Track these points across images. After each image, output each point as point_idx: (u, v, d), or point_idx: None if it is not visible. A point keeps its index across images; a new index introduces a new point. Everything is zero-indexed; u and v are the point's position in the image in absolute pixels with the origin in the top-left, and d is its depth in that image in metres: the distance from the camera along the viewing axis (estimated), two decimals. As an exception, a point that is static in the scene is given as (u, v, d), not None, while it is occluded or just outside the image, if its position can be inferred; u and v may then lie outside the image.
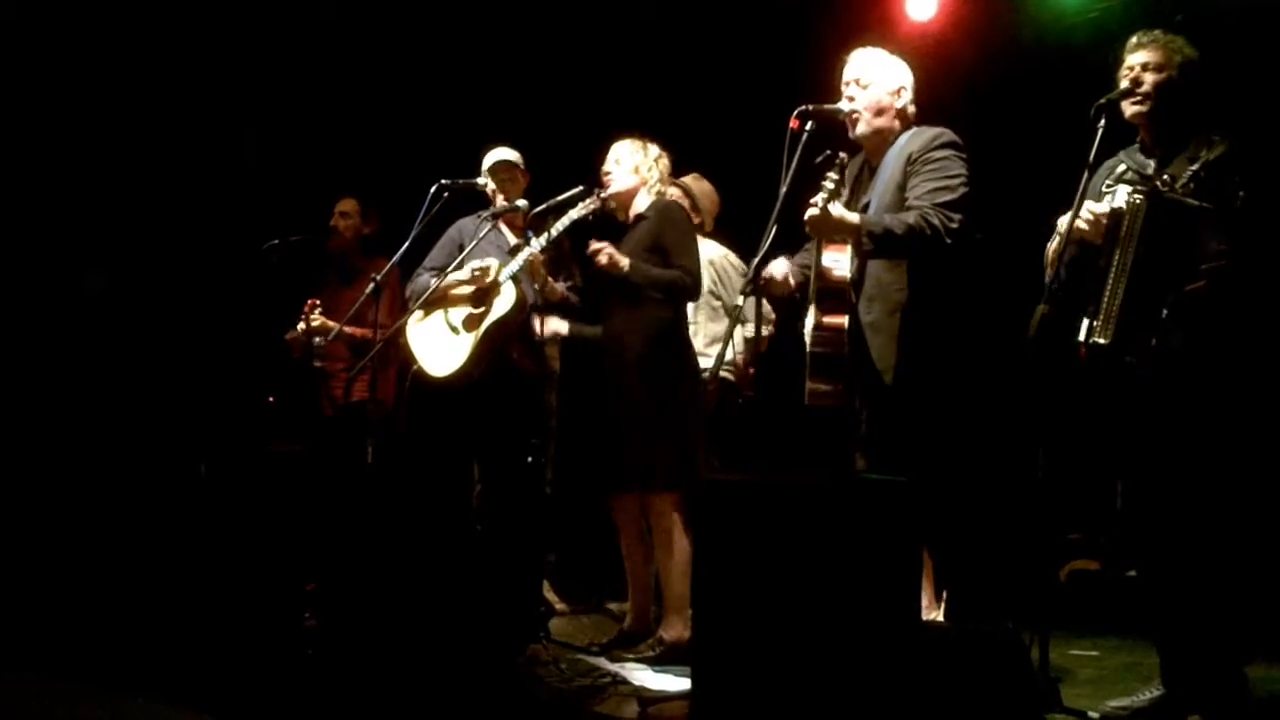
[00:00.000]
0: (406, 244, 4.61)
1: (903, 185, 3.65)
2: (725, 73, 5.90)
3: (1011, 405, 3.54)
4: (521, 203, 4.69)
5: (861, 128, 3.76)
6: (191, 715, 3.47)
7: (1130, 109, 3.36)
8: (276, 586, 4.20)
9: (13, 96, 5.99)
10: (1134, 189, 3.25)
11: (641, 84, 5.97)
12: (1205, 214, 3.15)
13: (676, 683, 3.81)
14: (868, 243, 3.58)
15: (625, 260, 4.24)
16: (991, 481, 4.68)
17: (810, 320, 3.71)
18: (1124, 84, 3.36)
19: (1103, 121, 3.26)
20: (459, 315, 4.65)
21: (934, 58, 4.71)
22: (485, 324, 4.56)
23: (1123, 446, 3.36)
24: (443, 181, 4.60)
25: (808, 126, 3.59)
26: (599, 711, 3.61)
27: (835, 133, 3.77)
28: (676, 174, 4.77)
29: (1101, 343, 3.19)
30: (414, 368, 4.68)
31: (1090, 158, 3.28)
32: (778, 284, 3.80)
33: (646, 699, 3.69)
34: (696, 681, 3.08)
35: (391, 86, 6.41)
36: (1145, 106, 3.34)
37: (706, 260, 4.77)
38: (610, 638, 4.44)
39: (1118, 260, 3.21)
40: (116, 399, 6.07)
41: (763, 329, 5.01)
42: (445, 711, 3.59)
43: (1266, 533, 4.22)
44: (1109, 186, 3.37)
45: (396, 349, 4.81)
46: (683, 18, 5.98)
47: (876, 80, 3.78)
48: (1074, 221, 3.26)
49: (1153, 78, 3.34)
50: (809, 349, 3.67)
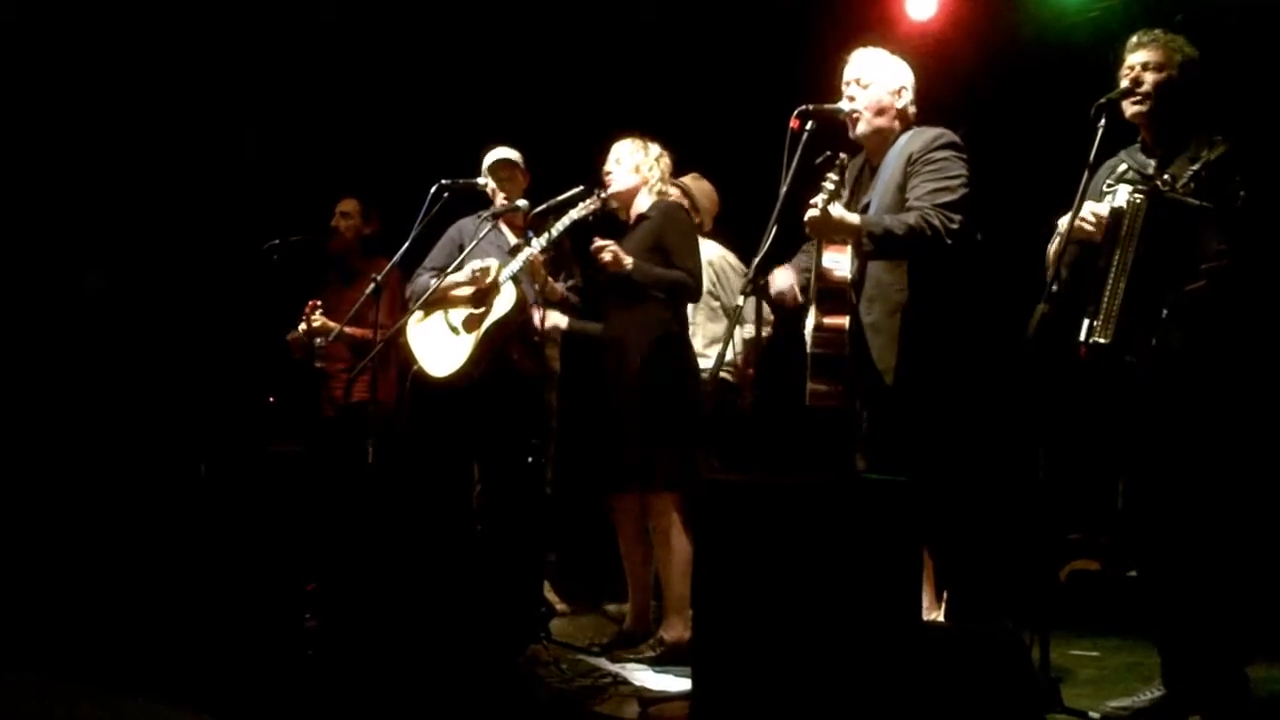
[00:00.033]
0: (406, 244, 4.61)
1: (903, 186, 3.65)
2: (725, 73, 5.90)
3: (1011, 405, 3.53)
4: (522, 203, 4.69)
5: (862, 127, 3.76)
6: (191, 715, 3.47)
7: (1131, 108, 3.36)
8: (276, 586, 4.20)
9: (13, 96, 5.99)
10: (1135, 188, 3.25)
11: (641, 84, 5.97)
12: (1206, 214, 3.15)
13: (677, 683, 3.80)
14: (868, 243, 3.58)
15: (629, 259, 4.24)
16: (991, 481, 4.68)
17: (811, 321, 3.71)
18: (1124, 83, 3.36)
19: (1103, 121, 3.26)
20: (459, 316, 4.65)
21: (934, 58, 4.71)
22: (485, 324, 4.56)
23: (1123, 446, 3.36)
24: (443, 181, 4.60)
25: (808, 126, 3.59)
26: (599, 712, 3.60)
27: (835, 132, 3.77)
28: (676, 174, 4.77)
29: (1102, 342, 3.19)
30: (414, 368, 4.68)
31: (1090, 157, 3.28)
32: (787, 298, 3.79)
33: (647, 699, 3.69)
34: (697, 682, 3.08)
35: (392, 86, 6.41)
36: (1146, 106, 3.34)
37: (705, 261, 4.76)
38: (610, 638, 4.44)
39: (1118, 260, 3.21)
40: (117, 399, 6.07)
41: (762, 330, 5.03)
42: (445, 711, 3.59)
43: (1267, 533, 4.22)
44: (1110, 186, 3.36)
45: (397, 349, 4.81)
46: (683, 18, 5.98)
47: (877, 80, 3.77)
48: (1074, 221, 3.26)
49: (1153, 77, 3.33)
50: (810, 350, 3.67)
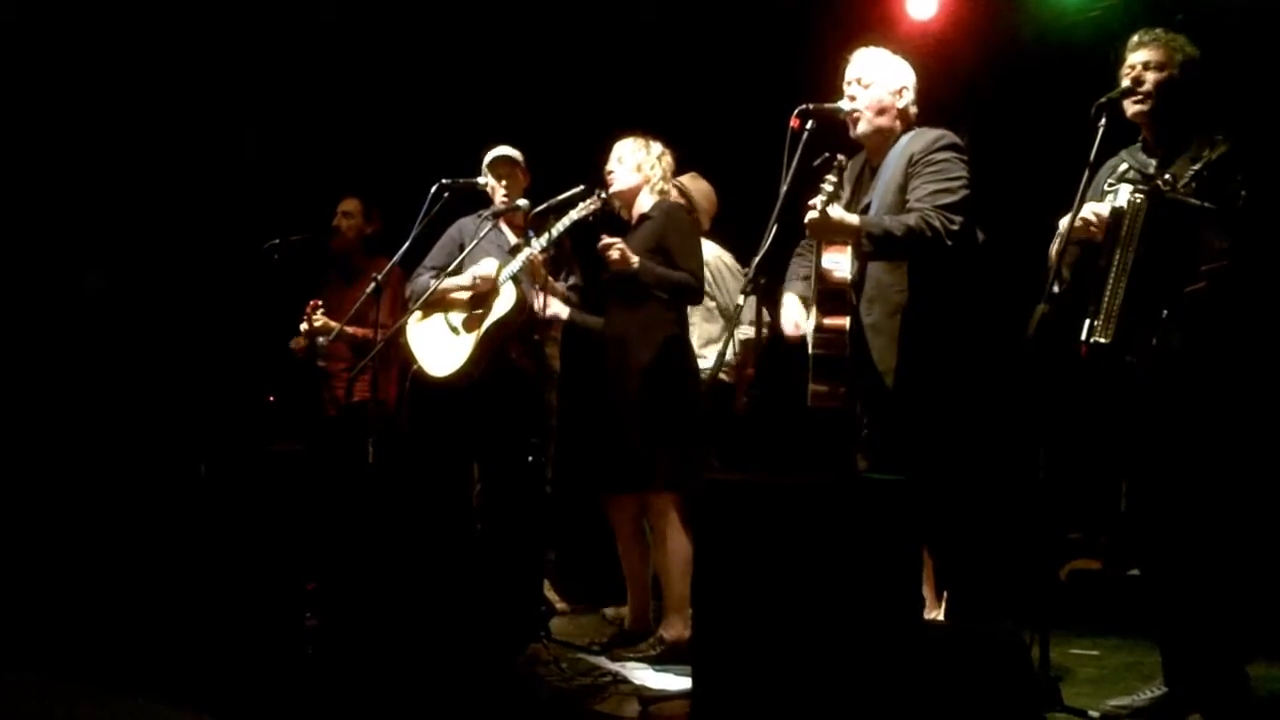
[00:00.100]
0: (407, 244, 4.61)
1: (904, 186, 3.65)
2: (725, 73, 5.90)
3: (1012, 405, 3.53)
4: (522, 202, 4.69)
5: (863, 127, 3.75)
6: (191, 715, 3.47)
7: (1132, 108, 3.35)
8: (276, 586, 4.20)
9: (13, 96, 5.99)
10: (1136, 188, 3.24)
11: (642, 84, 5.96)
12: (1207, 214, 3.15)
13: (677, 682, 3.80)
14: (867, 244, 3.58)
15: (635, 258, 4.23)
16: (991, 481, 4.68)
17: (811, 322, 3.71)
18: (1125, 83, 3.35)
19: (1103, 121, 3.26)
20: (459, 316, 4.65)
21: (934, 57, 4.70)
22: (485, 324, 4.56)
23: (1124, 446, 3.36)
24: (443, 181, 4.60)
25: (808, 126, 3.59)
26: (599, 711, 3.60)
27: (836, 132, 3.77)
28: (676, 173, 4.76)
29: (1102, 342, 3.19)
30: (414, 368, 4.68)
31: (1091, 157, 3.28)
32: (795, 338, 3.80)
33: (647, 698, 3.69)
34: (697, 681, 3.08)
35: (393, 86, 6.41)
36: (1147, 105, 3.33)
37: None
38: (610, 637, 4.44)
39: (1118, 260, 3.21)
40: (117, 399, 6.07)
41: (750, 330, 5.02)
42: (445, 711, 3.59)
43: (1267, 532, 4.22)
44: (1111, 185, 3.36)
45: (398, 349, 4.81)
46: (683, 18, 5.98)
47: (878, 80, 3.77)
48: (1074, 221, 3.26)
49: (1154, 76, 3.33)
50: (810, 351, 3.67)
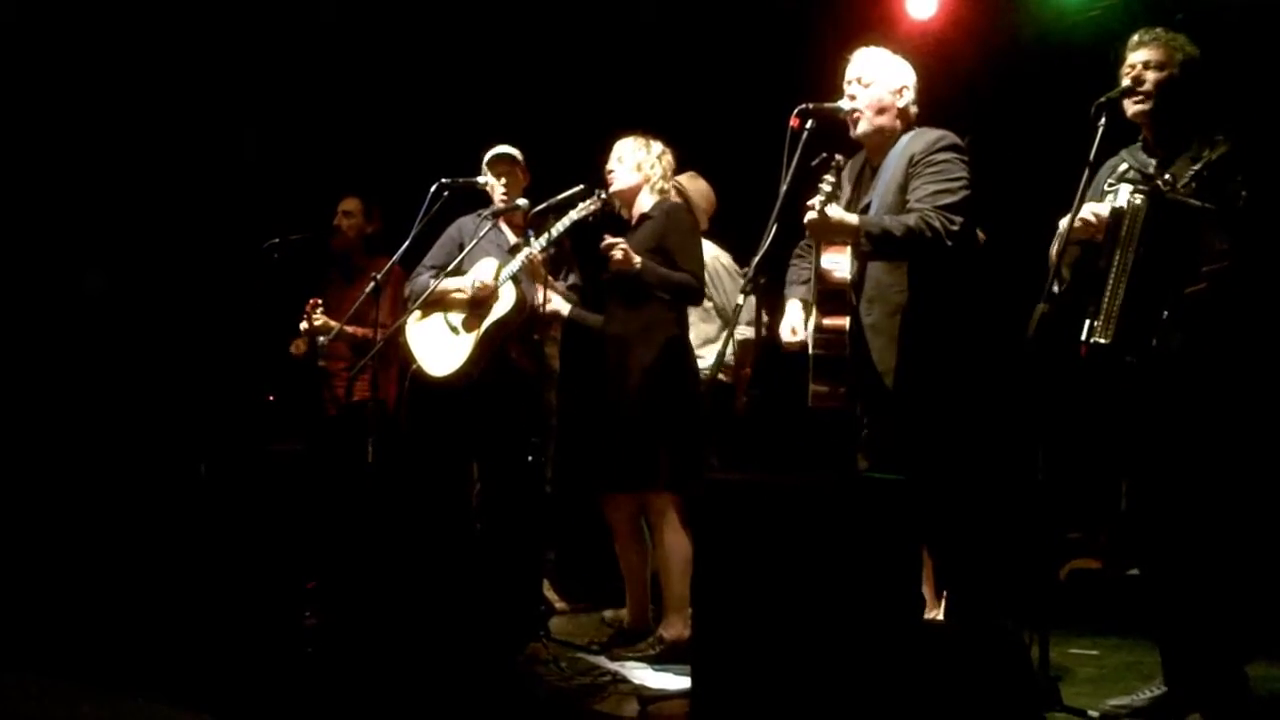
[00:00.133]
0: (407, 243, 4.61)
1: (904, 186, 3.64)
2: (725, 73, 5.90)
3: (1011, 405, 3.53)
4: (522, 202, 4.69)
5: (863, 126, 3.75)
6: (191, 715, 3.47)
7: (1132, 108, 3.35)
8: (276, 585, 4.20)
9: (13, 96, 5.99)
10: (1135, 189, 3.24)
11: (642, 83, 5.96)
12: (1207, 214, 3.14)
13: (676, 681, 3.80)
14: (866, 244, 3.57)
15: (638, 258, 4.23)
16: (991, 481, 4.68)
17: (811, 322, 3.71)
18: (1126, 82, 3.34)
19: (1103, 120, 3.26)
20: (458, 315, 4.65)
21: (934, 57, 4.70)
22: (485, 324, 4.56)
23: (1124, 446, 3.36)
24: (443, 180, 4.59)
25: (808, 125, 3.58)
26: (599, 710, 3.61)
27: (836, 132, 3.76)
28: (675, 172, 4.76)
29: (1102, 343, 3.19)
30: (413, 367, 4.68)
31: (1090, 157, 3.27)
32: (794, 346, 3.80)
33: (646, 697, 3.69)
34: (696, 680, 3.08)
35: (393, 86, 6.41)
36: (1147, 105, 3.33)
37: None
38: (610, 636, 4.44)
39: (1118, 260, 3.20)
40: (117, 398, 6.07)
41: (749, 331, 5.02)
42: (445, 710, 3.59)
43: (1267, 533, 4.22)
44: (1111, 185, 3.35)
45: (397, 348, 4.81)
46: (683, 18, 5.98)
47: (878, 79, 3.76)
48: (1074, 222, 3.26)
49: (1154, 75, 3.32)
50: (811, 351, 3.67)
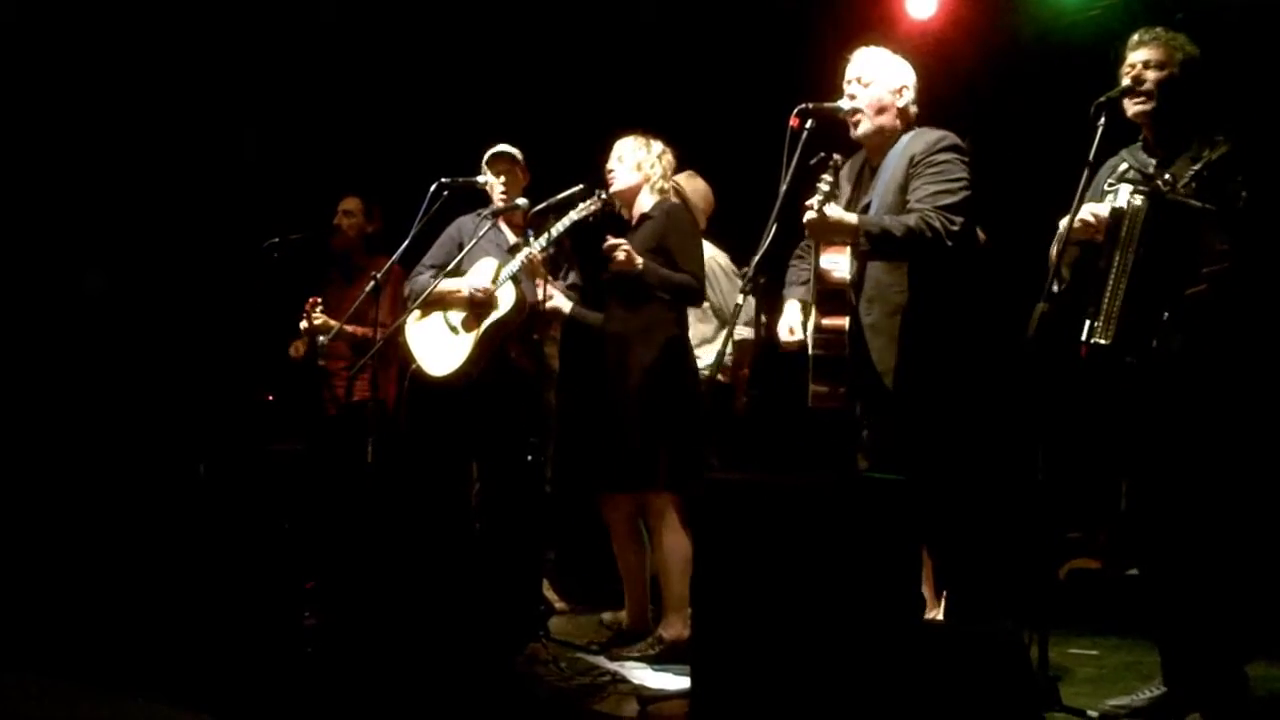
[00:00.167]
0: (406, 242, 4.61)
1: (904, 187, 3.64)
2: (725, 73, 5.90)
3: (1011, 405, 3.53)
4: (521, 201, 4.68)
5: (863, 126, 3.75)
6: (191, 715, 3.47)
7: (1133, 108, 3.34)
8: (276, 586, 4.20)
9: (13, 96, 5.99)
10: (1135, 189, 3.24)
11: (642, 83, 5.96)
12: (1207, 215, 3.14)
13: (676, 681, 3.80)
14: (865, 243, 3.57)
15: (640, 259, 4.23)
16: (991, 481, 4.68)
17: (811, 323, 3.70)
18: (1126, 82, 3.34)
19: (1102, 120, 3.25)
20: (458, 315, 4.64)
21: (934, 57, 4.70)
22: (484, 324, 4.56)
23: (1124, 447, 3.36)
24: (442, 180, 4.59)
25: (808, 125, 3.58)
26: (598, 710, 3.60)
27: (836, 132, 3.76)
28: (674, 172, 4.76)
29: (1102, 343, 3.19)
30: (412, 367, 4.68)
31: (1090, 157, 3.27)
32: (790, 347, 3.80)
33: (646, 697, 3.69)
34: (696, 680, 3.08)
35: (393, 86, 6.41)
36: (1148, 105, 3.32)
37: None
38: (609, 636, 4.44)
39: (1118, 261, 3.20)
40: (116, 398, 6.07)
41: (748, 331, 5.02)
42: (445, 711, 3.59)
43: (1267, 533, 4.22)
44: (1111, 185, 3.35)
45: (397, 348, 4.81)
46: (683, 18, 5.98)
47: (878, 79, 3.76)
48: (1073, 222, 3.26)
49: (1155, 75, 3.32)
50: (810, 351, 3.67)
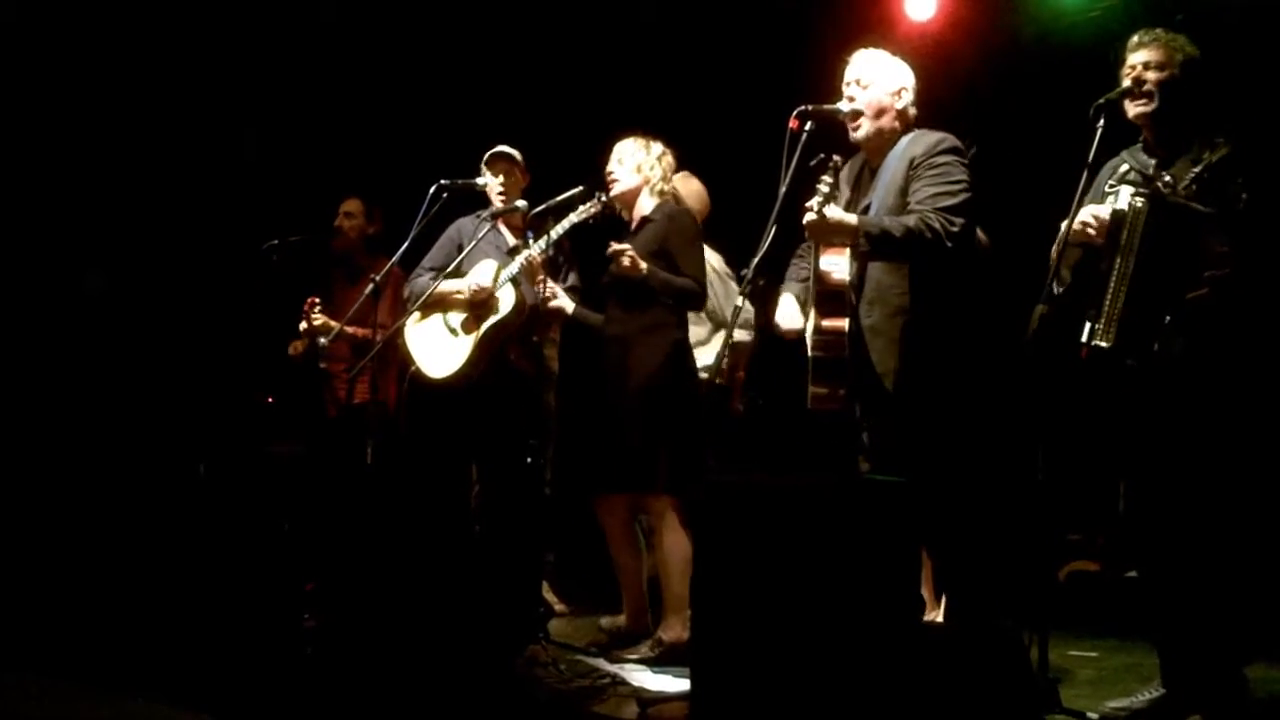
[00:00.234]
0: (406, 244, 4.61)
1: (904, 189, 3.63)
2: (725, 73, 5.90)
3: (1011, 407, 3.53)
4: (521, 203, 4.68)
5: (862, 128, 3.74)
6: (191, 715, 3.47)
7: (1134, 109, 3.34)
8: (276, 588, 4.20)
9: (13, 96, 5.99)
10: (1136, 191, 3.24)
11: (642, 84, 5.97)
12: (1207, 217, 3.14)
13: (675, 683, 3.80)
14: (865, 244, 3.57)
15: (644, 264, 4.23)
16: (991, 481, 4.68)
17: (810, 324, 3.70)
18: (1126, 83, 3.34)
19: (1102, 121, 3.25)
20: (457, 317, 4.64)
21: (934, 58, 4.71)
22: (484, 326, 4.56)
23: (1124, 448, 3.36)
24: (442, 182, 4.59)
25: (807, 126, 3.58)
26: (598, 712, 3.60)
27: (835, 133, 3.76)
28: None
29: (1103, 346, 3.19)
30: (411, 369, 4.68)
31: (1089, 158, 3.27)
32: (788, 335, 3.80)
33: (645, 699, 3.68)
34: (696, 682, 3.08)
35: (394, 87, 6.41)
36: (1149, 105, 3.32)
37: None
38: (609, 637, 4.43)
39: (1119, 263, 3.20)
40: (116, 399, 6.07)
41: (745, 334, 5.02)
42: (445, 712, 3.59)
43: (1267, 534, 4.22)
44: (1112, 186, 3.35)
45: (397, 350, 4.81)
46: (683, 18, 5.98)
47: (877, 81, 3.75)
48: (1072, 223, 3.26)
49: (1155, 76, 3.32)
50: (810, 353, 3.66)
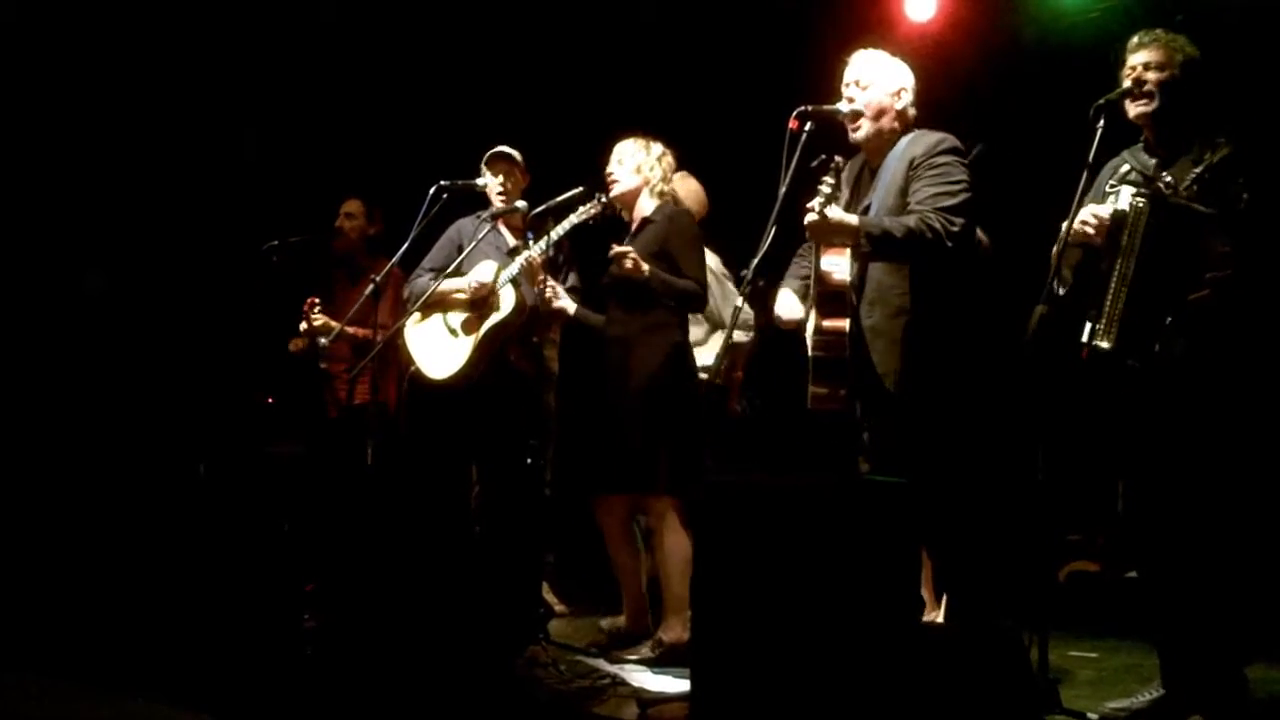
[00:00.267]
0: (406, 245, 4.61)
1: (904, 189, 3.63)
2: (725, 73, 5.90)
3: (1012, 407, 3.54)
4: (521, 204, 4.67)
5: (862, 129, 3.74)
6: (191, 715, 3.47)
7: (1135, 109, 3.35)
8: (275, 587, 4.20)
9: (13, 96, 5.99)
10: (1137, 191, 3.24)
11: (642, 84, 5.97)
12: (1209, 218, 3.14)
13: (675, 684, 3.80)
14: (866, 245, 3.57)
15: (647, 266, 4.23)
16: (991, 482, 4.68)
17: (811, 324, 3.70)
18: (1127, 83, 3.34)
19: (1102, 122, 3.26)
20: (458, 318, 4.65)
21: (934, 59, 4.71)
22: (484, 327, 4.56)
23: (1124, 449, 3.36)
24: (442, 183, 4.59)
25: (807, 127, 3.58)
26: (598, 713, 3.60)
27: (834, 134, 3.76)
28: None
29: (1104, 347, 3.19)
30: (411, 369, 4.68)
31: (1089, 159, 3.27)
32: (788, 325, 3.80)
33: (646, 700, 3.68)
34: (696, 683, 3.08)
35: (395, 87, 6.41)
36: (1150, 105, 3.32)
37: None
38: (608, 638, 4.44)
39: (1120, 264, 3.20)
40: (116, 399, 6.07)
41: (744, 335, 5.02)
42: (445, 712, 3.59)
43: (1266, 534, 4.22)
44: (1113, 186, 3.35)
45: (398, 351, 4.81)
46: (683, 18, 5.98)
47: (876, 81, 3.75)
48: (1072, 224, 3.26)
49: (1156, 76, 3.32)
50: (810, 353, 3.66)
